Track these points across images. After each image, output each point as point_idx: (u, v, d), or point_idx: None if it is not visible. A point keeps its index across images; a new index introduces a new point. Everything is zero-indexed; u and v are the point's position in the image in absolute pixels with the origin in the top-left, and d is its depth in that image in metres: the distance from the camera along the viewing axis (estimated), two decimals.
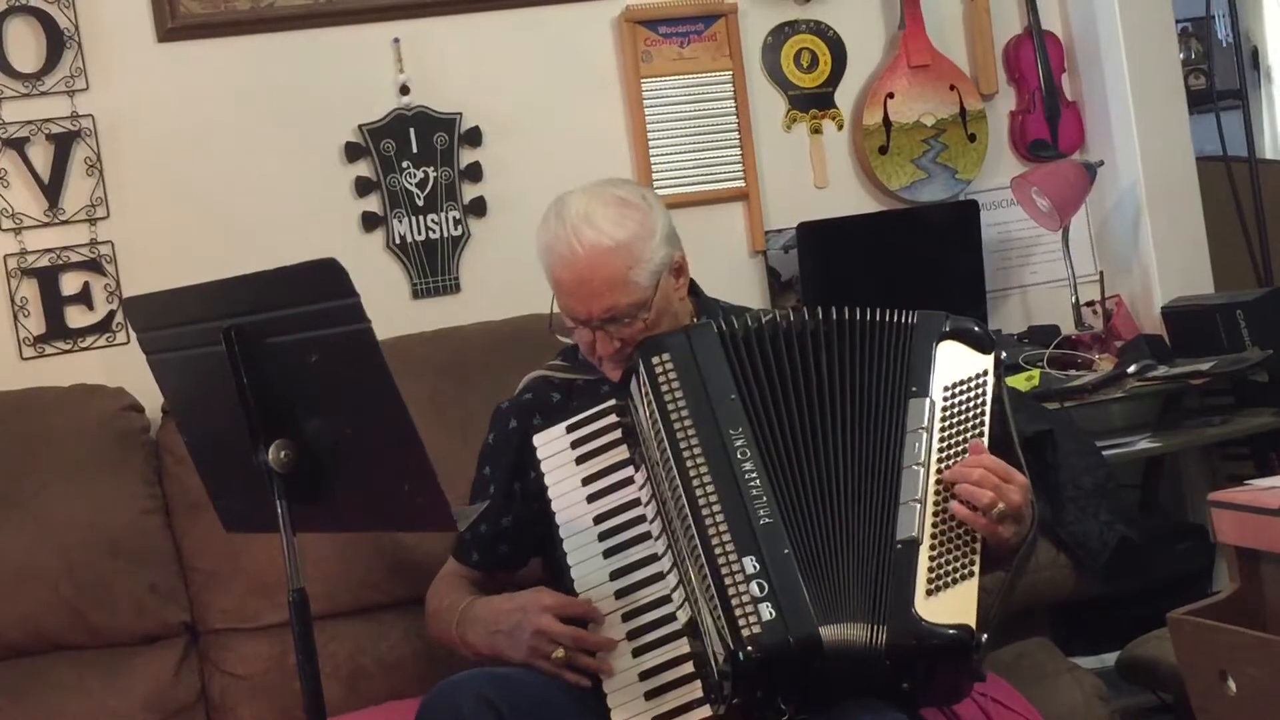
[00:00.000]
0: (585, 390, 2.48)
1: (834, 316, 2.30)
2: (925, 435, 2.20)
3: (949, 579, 2.11)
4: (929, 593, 2.09)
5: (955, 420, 2.23)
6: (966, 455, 2.20)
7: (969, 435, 2.22)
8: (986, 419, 2.24)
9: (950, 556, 2.13)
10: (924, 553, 2.12)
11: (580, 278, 2.33)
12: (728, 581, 2.08)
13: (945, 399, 2.24)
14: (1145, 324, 3.81)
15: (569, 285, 2.35)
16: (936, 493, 2.17)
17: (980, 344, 2.30)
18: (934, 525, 2.15)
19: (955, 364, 2.28)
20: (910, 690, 2.12)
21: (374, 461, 1.94)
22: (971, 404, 2.25)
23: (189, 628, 2.88)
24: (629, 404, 2.30)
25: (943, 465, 2.19)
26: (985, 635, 2.10)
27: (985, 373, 2.27)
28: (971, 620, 2.09)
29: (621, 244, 2.33)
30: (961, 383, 2.26)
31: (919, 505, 2.15)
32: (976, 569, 2.13)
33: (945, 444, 2.21)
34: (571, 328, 2.41)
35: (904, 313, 2.30)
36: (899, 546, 2.13)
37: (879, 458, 2.21)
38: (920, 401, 2.23)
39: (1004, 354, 2.46)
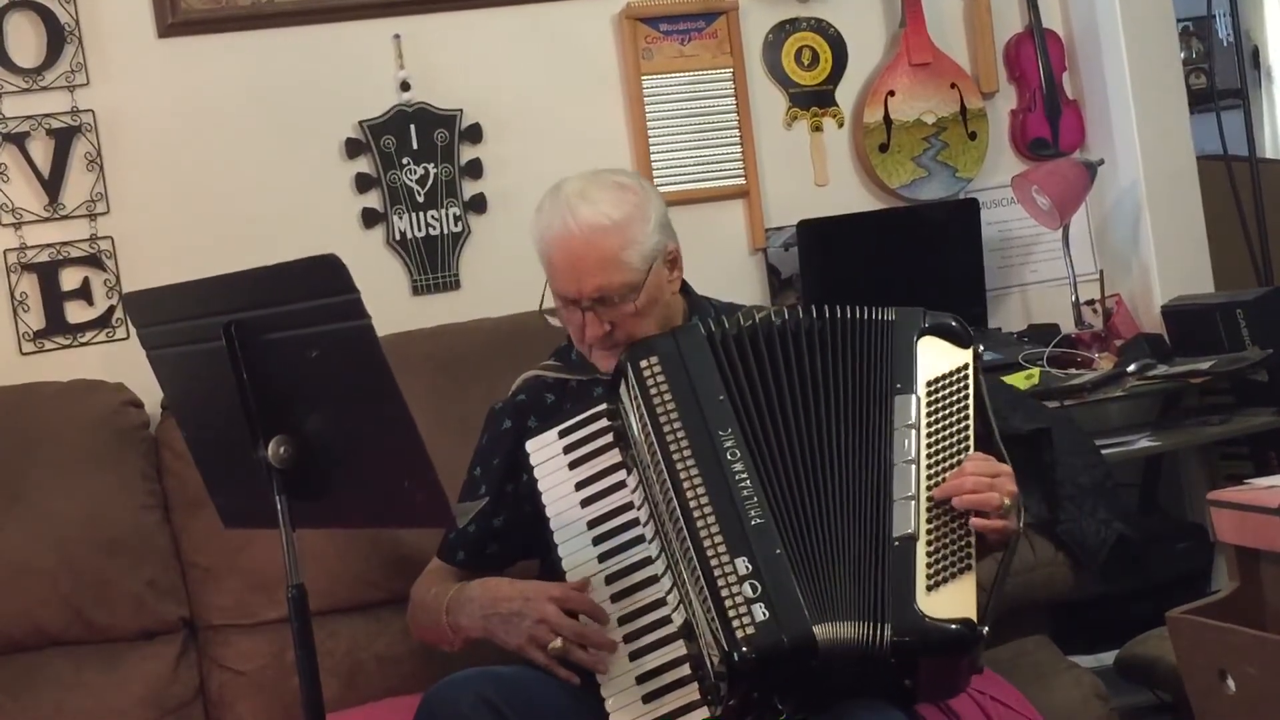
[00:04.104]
0: (578, 391, 2.47)
1: (825, 315, 2.30)
2: (914, 432, 2.21)
3: (947, 573, 2.11)
4: (929, 588, 2.09)
5: (940, 415, 2.24)
6: (956, 456, 2.19)
7: (955, 429, 2.22)
8: (970, 413, 2.24)
9: (947, 550, 2.13)
10: (921, 548, 2.12)
11: (574, 254, 2.33)
12: (721, 583, 2.08)
13: (929, 394, 2.25)
14: (1145, 323, 3.80)
15: (561, 263, 2.35)
16: (929, 488, 2.17)
17: (959, 338, 2.31)
18: (929, 520, 2.15)
19: (936, 359, 2.29)
20: (911, 688, 2.12)
21: (373, 458, 1.94)
22: (955, 398, 2.25)
23: (187, 624, 2.88)
24: (619, 407, 2.29)
25: (932, 460, 2.19)
26: (986, 628, 2.10)
27: (966, 367, 2.28)
28: (972, 613, 2.08)
29: (616, 223, 2.33)
30: (944, 377, 2.27)
31: (913, 501, 2.15)
32: (973, 561, 2.13)
33: (933, 439, 2.21)
34: (561, 307, 2.41)
35: (883, 310, 2.31)
36: (896, 543, 2.12)
37: (869, 455, 2.21)
38: (906, 398, 2.24)
39: (982, 347, 2.47)
